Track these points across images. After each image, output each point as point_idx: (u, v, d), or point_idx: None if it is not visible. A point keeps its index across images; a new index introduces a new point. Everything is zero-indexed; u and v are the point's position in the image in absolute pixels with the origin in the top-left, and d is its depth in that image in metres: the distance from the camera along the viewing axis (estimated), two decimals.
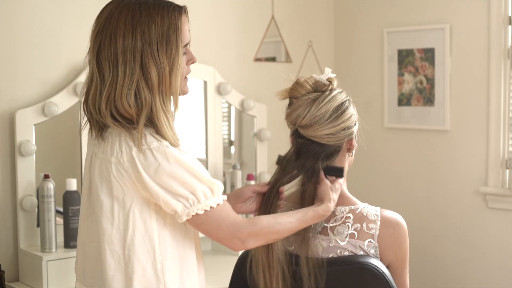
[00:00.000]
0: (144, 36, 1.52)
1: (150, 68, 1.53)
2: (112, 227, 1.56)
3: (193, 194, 1.51)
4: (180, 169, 1.51)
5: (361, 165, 3.57)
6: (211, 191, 1.54)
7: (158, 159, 1.50)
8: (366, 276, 1.62)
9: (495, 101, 3.23)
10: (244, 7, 3.43)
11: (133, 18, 1.53)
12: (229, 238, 1.56)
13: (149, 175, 1.50)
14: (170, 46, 1.55)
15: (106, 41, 1.53)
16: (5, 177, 2.65)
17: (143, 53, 1.52)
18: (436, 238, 3.49)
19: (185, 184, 1.51)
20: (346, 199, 1.74)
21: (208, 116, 3.23)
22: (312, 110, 1.68)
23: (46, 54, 2.74)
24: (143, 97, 1.53)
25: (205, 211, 1.53)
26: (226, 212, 1.56)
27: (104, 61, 1.54)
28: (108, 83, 1.53)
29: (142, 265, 1.55)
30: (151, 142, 1.51)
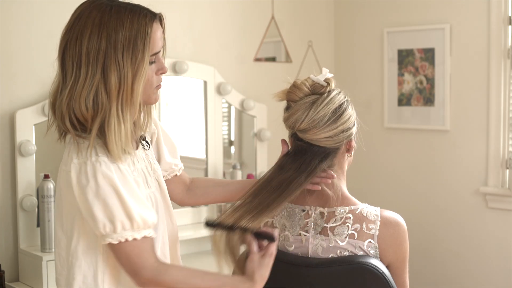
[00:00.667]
0: (110, 39, 1.47)
1: (110, 73, 1.48)
2: (62, 232, 1.57)
3: (111, 222, 1.46)
4: (107, 190, 1.46)
5: (361, 165, 3.57)
6: (131, 223, 1.47)
7: (89, 175, 1.47)
8: (366, 276, 1.62)
9: (495, 101, 3.23)
10: (244, 7, 3.43)
11: (102, 20, 1.49)
12: (131, 275, 1.50)
13: (79, 189, 1.47)
14: (136, 52, 1.49)
15: (72, 40, 1.50)
16: (5, 177, 2.65)
17: (106, 57, 1.47)
18: (436, 238, 3.49)
19: (106, 209, 1.46)
20: (346, 200, 1.74)
21: (208, 116, 3.23)
22: (311, 114, 1.67)
23: (46, 54, 2.74)
24: (100, 101, 1.48)
25: (119, 241, 1.47)
26: (138, 251, 1.48)
27: (68, 61, 1.50)
28: (70, 83, 1.49)
29: (83, 273, 1.54)
30: (89, 156, 1.48)
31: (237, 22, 3.42)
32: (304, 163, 1.68)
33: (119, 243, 1.47)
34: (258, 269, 1.54)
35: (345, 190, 1.76)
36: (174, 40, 3.15)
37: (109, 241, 1.47)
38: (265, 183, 1.67)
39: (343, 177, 1.76)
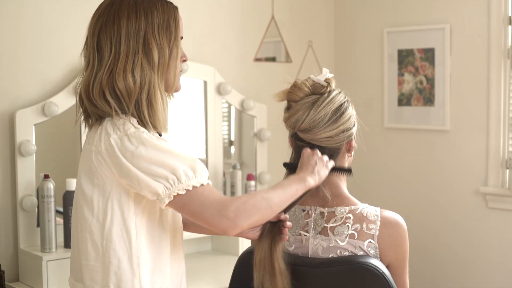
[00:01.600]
0: (147, 19, 1.57)
1: (152, 48, 1.56)
2: (92, 216, 1.57)
3: (173, 173, 1.48)
4: (158, 152, 1.49)
5: (361, 165, 3.57)
6: (193, 170, 1.49)
7: (134, 144, 1.49)
8: (366, 276, 1.62)
9: (495, 101, 3.23)
10: (244, 7, 3.43)
11: (136, 2, 1.58)
12: (216, 217, 1.47)
13: (127, 159, 1.49)
14: (170, 32, 1.60)
15: (108, 23, 1.57)
16: (5, 177, 2.65)
17: (146, 34, 1.56)
18: (436, 238, 3.49)
19: (164, 165, 1.48)
20: (346, 200, 1.74)
21: (208, 116, 3.23)
22: (311, 114, 1.67)
23: (46, 54, 2.74)
24: (145, 73, 1.56)
25: (187, 191, 1.47)
26: (210, 191, 1.49)
27: (106, 42, 1.56)
28: (109, 61, 1.55)
29: (117, 256, 1.55)
30: (128, 128, 1.52)
31: (237, 22, 3.42)
32: None
33: (187, 192, 1.47)
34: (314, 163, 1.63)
35: (345, 190, 1.76)
36: None
37: (176, 192, 1.47)
38: None
39: (343, 177, 1.77)
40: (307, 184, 1.61)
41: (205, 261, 2.99)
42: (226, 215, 1.46)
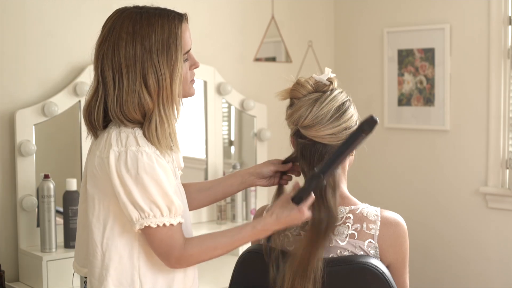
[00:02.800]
0: (144, 46, 1.58)
1: (149, 77, 1.59)
2: (92, 216, 1.64)
3: (150, 208, 1.57)
4: (147, 179, 1.56)
5: (361, 165, 3.56)
6: (169, 209, 1.59)
7: (128, 165, 1.56)
8: (366, 276, 1.62)
9: (495, 101, 3.23)
10: (244, 7, 3.43)
11: (134, 28, 1.59)
12: (162, 257, 1.62)
13: (118, 176, 1.56)
14: (170, 54, 1.60)
15: (109, 51, 1.60)
16: (5, 177, 2.65)
17: (142, 62, 1.58)
18: (436, 238, 3.49)
19: (146, 195, 1.56)
20: (346, 199, 1.74)
21: (208, 116, 3.23)
22: (314, 111, 1.68)
23: (46, 54, 2.74)
24: (144, 103, 1.59)
25: (157, 226, 1.58)
26: (172, 234, 1.60)
27: (108, 71, 1.60)
28: (116, 93, 1.60)
29: (119, 253, 1.63)
30: (130, 145, 1.58)
31: (237, 22, 3.42)
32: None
33: (157, 227, 1.58)
34: (279, 207, 1.63)
35: (345, 190, 1.76)
36: None
37: (148, 224, 1.57)
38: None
39: (344, 176, 1.77)
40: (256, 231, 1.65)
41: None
42: (169, 260, 1.61)
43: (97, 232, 1.63)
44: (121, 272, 1.63)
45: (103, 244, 1.62)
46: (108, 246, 1.62)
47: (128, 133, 1.59)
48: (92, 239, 1.64)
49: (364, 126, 1.56)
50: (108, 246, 1.62)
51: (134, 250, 1.63)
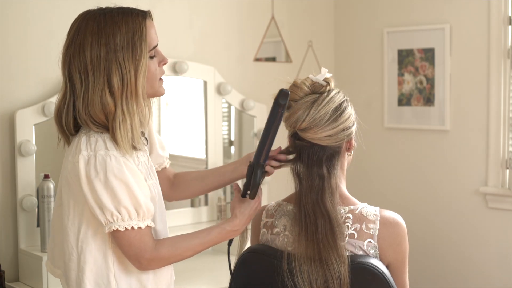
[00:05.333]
0: (109, 44, 1.60)
1: (112, 75, 1.60)
2: (67, 220, 1.67)
3: (118, 211, 1.59)
4: (115, 182, 1.58)
5: (361, 165, 3.57)
6: (137, 212, 1.61)
7: (97, 169, 1.58)
8: (366, 276, 1.62)
9: (495, 101, 3.23)
10: (244, 7, 3.43)
11: (99, 28, 1.61)
12: (133, 260, 1.64)
13: (87, 180, 1.59)
14: (135, 50, 1.61)
15: (75, 53, 1.63)
16: (5, 177, 2.65)
17: (107, 61, 1.60)
18: (436, 238, 3.49)
19: (114, 198, 1.58)
20: (345, 199, 1.74)
21: (208, 116, 3.23)
22: (311, 113, 1.67)
23: (46, 54, 2.74)
24: (105, 102, 1.60)
25: (126, 229, 1.60)
26: (140, 237, 1.62)
27: (75, 72, 1.63)
28: (82, 93, 1.62)
29: (94, 256, 1.66)
30: (98, 149, 1.60)
31: (237, 22, 3.42)
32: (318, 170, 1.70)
33: (125, 230, 1.60)
34: (238, 206, 1.74)
35: (344, 190, 1.76)
36: (174, 40, 3.16)
37: (116, 228, 1.59)
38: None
39: (343, 176, 1.77)
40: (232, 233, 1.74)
41: (205, 261, 2.99)
42: (140, 262, 1.64)
43: (72, 236, 1.66)
44: (97, 274, 1.66)
45: (78, 247, 1.65)
46: (82, 249, 1.65)
47: (97, 137, 1.62)
48: (67, 242, 1.67)
49: (279, 100, 1.63)
50: (82, 249, 1.65)
51: (108, 252, 1.66)
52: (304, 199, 1.68)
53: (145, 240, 1.63)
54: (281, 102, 1.63)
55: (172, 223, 2.95)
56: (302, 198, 1.69)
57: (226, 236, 1.73)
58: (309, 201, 1.67)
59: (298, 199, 1.70)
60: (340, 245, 1.64)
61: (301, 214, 1.68)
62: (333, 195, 1.68)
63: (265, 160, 1.72)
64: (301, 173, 1.71)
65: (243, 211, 1.73)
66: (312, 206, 1.67)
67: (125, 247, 1.63)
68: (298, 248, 1.68)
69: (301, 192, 1.69)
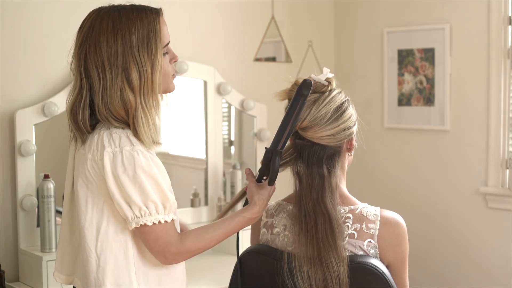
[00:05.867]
0: (125, 41, 1.60)
1: (131, 71, 1.60)
2: (85, 220, 1.65)
3: (146, 205, 1.59)
4: (143, 177, 1.58)
5: (361, 165, 3.57)
6: (164, 206, 1.61)
7: (125, 165, 1.58)
8: (366, 276, 1.62)
9: (495, 101, 3.23)
10: (244, 7, 3.43)
11: (114, 24, 1.61)
12: (158, 254, 1.64)
13: (113, 176, 1.58)
14: (150, 47, 1.62)
15: (91, 50, 1.61)
16: (5, 177, 2.65)
17: (124, 57, 1.60)
18: (436, 238, 3.49)
19: (142, 193, 1.58)
20: (345, 199, 1.74)
21: (208, 116, 3.23)
22: (312, 112, 1.67)
23: (46, 54, 2.74)
24: (126, 98, 1.61)
25: (153, 223, 1.60)
26: (167, 230, 1.63)
27: (92, 69, 1.62)
28: (100, 90, 1.61)
29: (114, 255, 1.64)
30: (124, 145, 1.59)
31: (237, 22, 3.42)
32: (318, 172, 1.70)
33: (153, 225, 1.60)
34: (256, 192, 1.71)
35: (345, 190, 1.76)
36: (174, 40, 3.13)
37: (144, 222, 1.59)
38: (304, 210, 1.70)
39: (343, 176, 1.77)
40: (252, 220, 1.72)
41: (205, 261, 2.99)
42: (166, 257, 1.64)
43: (90, 236, 1.64)
44: (118, 274, 1.63)
45: (98, 247, 1.63)
46: (103, 249, 1.63)
47: (119, 133, 1.61)
48: (85, 243, 1.65)
49: (302, 90, 1.62)
50: (103, 249, 1.63)
51: (129, 250, 1.65)
52: (304, 199, 1.68)
53: (171, 234, 1.63)
54: (304, 92, 1.62)
55: None
56: (302, 197, 1.69)
57: (246, 224, 1.72)
58: (309, 200, 1.67)
59: (298, 199, 1.70)
60: (339, 245, 1.64)
61: (301, 213, 1.68)
62: (333, 194, 1.68)
63: (282, 148, 1.71)
64: (301, 172, 1.71)
65: (261, 197, 1.72)
66: (312, 206, 1.67)
67: (151, 242, 1.62)
68: (298, 248, 1.68)
69: (301, 191, 1.69)
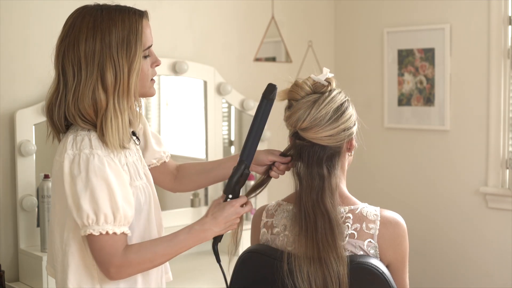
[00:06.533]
0: (104, 40, 1.58)
1: (106, 70, 1.58)
2: (54, 221, 1.65)
3: (95, 214, 1.54)
4: (96, 182, 1.54)
5: (361, 165, 3.57)
6: (114, 216, 1.55)
7: (81, 166, 1.55)
8: (366, 276, 1.62)
9: (495, 101, 3.23)
10: (244, 7, 3.43)
11: (95, 23, 1.60)
12: (102, 267, 1.57)
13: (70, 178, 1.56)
14: (129, 48, 1.60)
15: (70, 47, 1.60)
16: (5, 177, 2.65)
17: (101, 56, 1.58)
18: (436, 238, 3.49)
19: (93, 200, 1.53)
20: (345, 199, 1.74)
21: (208, 116, 3.23)
22: (313, 113, 1.67)
23: (46, 54, 2.72)
24: (98, 98, 1.58)
25: (100, 233, 1.55)
26: (114, 243, 1.56)
27: (68, 66, 1.60)
28: (73, 87, 1.59)
29: (75, 258, 1.61)
30: (83, 148, 1.57)
31: (237, 22, 3.42)
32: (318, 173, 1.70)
33: (99, 235, 1.54)
34: (212, 208, 1.67)
35: (345, 190, 1.76)
36: (174, 40, 3.16)
37: (90, 232, 1.54)
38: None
39: (343, 176, 1.77)
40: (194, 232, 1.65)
41: (205, 261, 2.99)
42: (108, 270, 1.57)
43: (58, 237, 1.64)
44: (80, 278, 1.61)
45: (62, 249, 1.62)
46: (65, 252, 1.61)
47: (83, 135, 1.59)
48: (54, 243, 1.65)
49: (266, 94, 1.65)
50: (65, 252, 1.61)
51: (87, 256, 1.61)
52: (304, 199, 1.68)
53: (117, 246, 1.56)
54: (268, 96, 1.64)
55: (172, 223, 2.94)
56: (302, 197, 1.69)
57: (197, 238, 1.64)
58: (309, 200, 1.67)
59: (298, 199, 1.70)
60: (339, 245, 1.64)
61: (301, 213, 1.68)
62: (333, 195, 1.69)
63: (248, 156, 1.69)
64: (302, 172, 1.71)
65: (215, 211, 1.66)
66: (312, 206, 1.67)
67: (95, 252, 1.56)
68: (298, 248, 1.68)
69: (301, 191, 1.69)
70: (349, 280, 1.62)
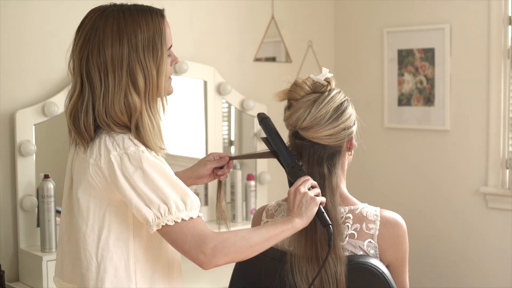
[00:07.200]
0: (131, 43, 1.55)
1: (137, 74, 1.55)
2: (86, 227, 1.57)
3: (165, 203, 1.50)
4: (156, 174, 1.51)
5: (361, 165, 3.57)
6: (184, 202, 1.52)
7: (134, 165, 1.51)
8: (366, 276, 1.62)
9: (495, 101, 3.23)
10: (244, 7, 3.43)
11: (119, 26, 1.55)
12: (194, 251, 1.51)
13: (125, 179, 1.51)
14: (156, 50, 1.57)
15: (94, 51, 1.55)
16: (5, 177, 2.65)
17: (129, 60, 1.54)
18: (436, 238, 3.49)
19: (158, 192, 1.50)
20: (345, 199, 1.74)
21: (208, 116, 3.23)
22: (312, 112, 1.68)
23: (46, 54, 2.74)
24: (131, 102, 1.54)
25: (175, 222, 1.50)
26: (195, 224, 1.52)
27: (94, 71, 1.55)
28: (102, 94, 1.54)
29: (114, 265, 1.56)
30: (128, 146, 1.53)
31: (237, 22, 3.42)
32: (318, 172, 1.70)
33: (175, 224, 1.50)
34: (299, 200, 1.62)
35: (345, 190, 1.76)
36: (175, 40, 3.13)
37: (165, 223, 1.49)
38: None
39: (343, 176, 1.77)
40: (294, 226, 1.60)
41: None
42: (204, 251, 1.50)
43: (91, 243, 1.57)
44: (118, 284, 1.56)
45: (98, 255, 1.56)
46: (103, 258, 1.56)
47: (121, 136, 1.54)
48: (86, 250, 1.57)
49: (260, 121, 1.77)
50: (103, 258, 1.56)
51: (130, 262, 1.57)
52: None
53: (200, 227, 1.51)
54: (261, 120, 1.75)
55: None
56: None
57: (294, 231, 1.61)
58: None
59: None
60: (338, 245, 1.64)
61: None
62: (334, 194, 1.69)
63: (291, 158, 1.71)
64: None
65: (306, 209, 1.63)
66: None
67: (180, 241, 1.51)
68: (298, 248, 1.68)
69: None
70: (348, 280, 1.62)
